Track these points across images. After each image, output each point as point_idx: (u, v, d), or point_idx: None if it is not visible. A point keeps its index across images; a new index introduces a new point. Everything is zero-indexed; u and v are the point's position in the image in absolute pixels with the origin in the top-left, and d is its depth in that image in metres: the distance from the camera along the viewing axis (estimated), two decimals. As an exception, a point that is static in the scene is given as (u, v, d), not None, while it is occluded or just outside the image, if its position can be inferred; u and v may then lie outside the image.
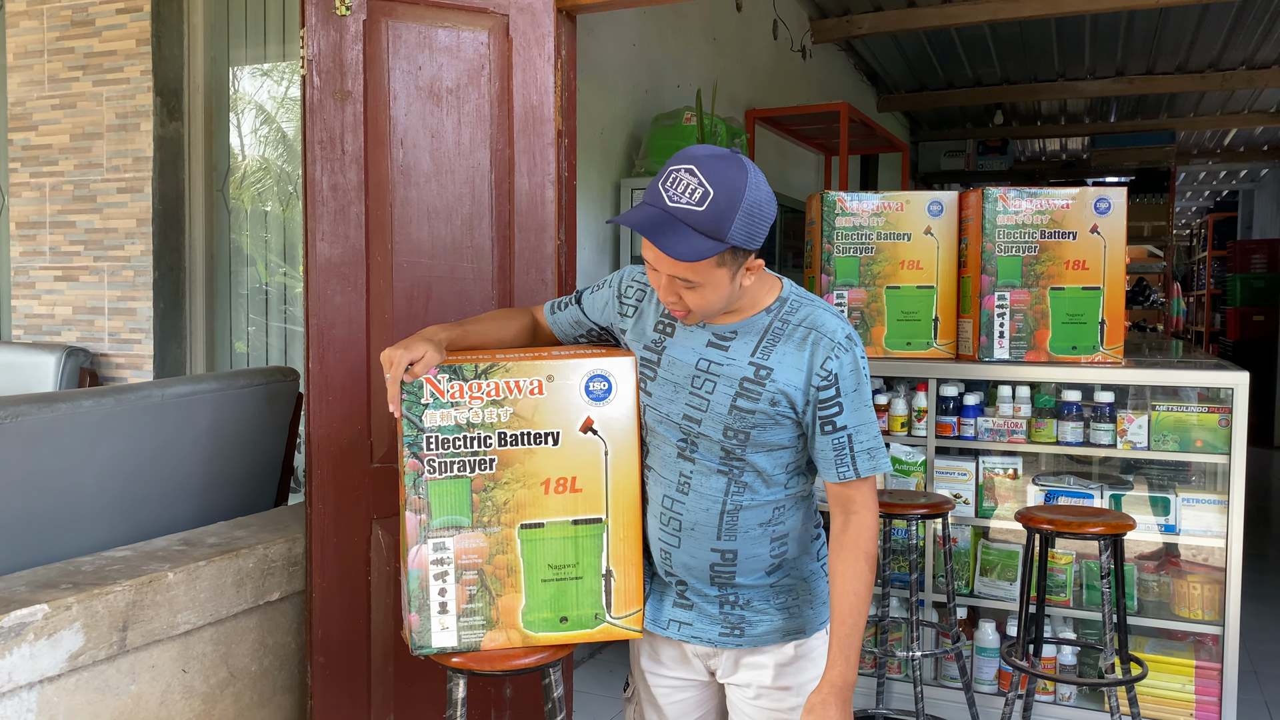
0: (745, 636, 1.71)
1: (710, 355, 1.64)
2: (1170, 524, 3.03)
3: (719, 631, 1.72)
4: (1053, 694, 3.11)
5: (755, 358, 1.61)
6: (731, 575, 1.69)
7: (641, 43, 4.62)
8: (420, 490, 1.69)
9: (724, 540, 1.66)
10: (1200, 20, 6.79)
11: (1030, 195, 3.10)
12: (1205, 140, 10.98)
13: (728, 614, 1.71)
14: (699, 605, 1.72)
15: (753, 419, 1.60)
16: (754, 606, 1.70)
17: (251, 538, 2.27)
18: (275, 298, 4.26)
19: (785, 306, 1.64)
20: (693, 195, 1.48)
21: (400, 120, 2.23)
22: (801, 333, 1.61)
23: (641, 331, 1.73)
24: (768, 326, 1.63)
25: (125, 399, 2.31)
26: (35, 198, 4.22)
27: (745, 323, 1.64)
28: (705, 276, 1.52)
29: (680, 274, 1.52)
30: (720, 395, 1.61)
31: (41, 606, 1.75)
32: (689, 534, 1.68)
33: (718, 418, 1.62)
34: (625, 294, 1.78)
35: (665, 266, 1.53)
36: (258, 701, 2.23)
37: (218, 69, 4.20)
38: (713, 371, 1.63)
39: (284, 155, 4.30)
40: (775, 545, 1.69)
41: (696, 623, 1.73)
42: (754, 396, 1.60)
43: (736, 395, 1.60)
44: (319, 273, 2.19)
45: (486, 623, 1.72)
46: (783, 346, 1.61)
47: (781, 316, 1.63)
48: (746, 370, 1.61)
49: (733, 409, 1.61)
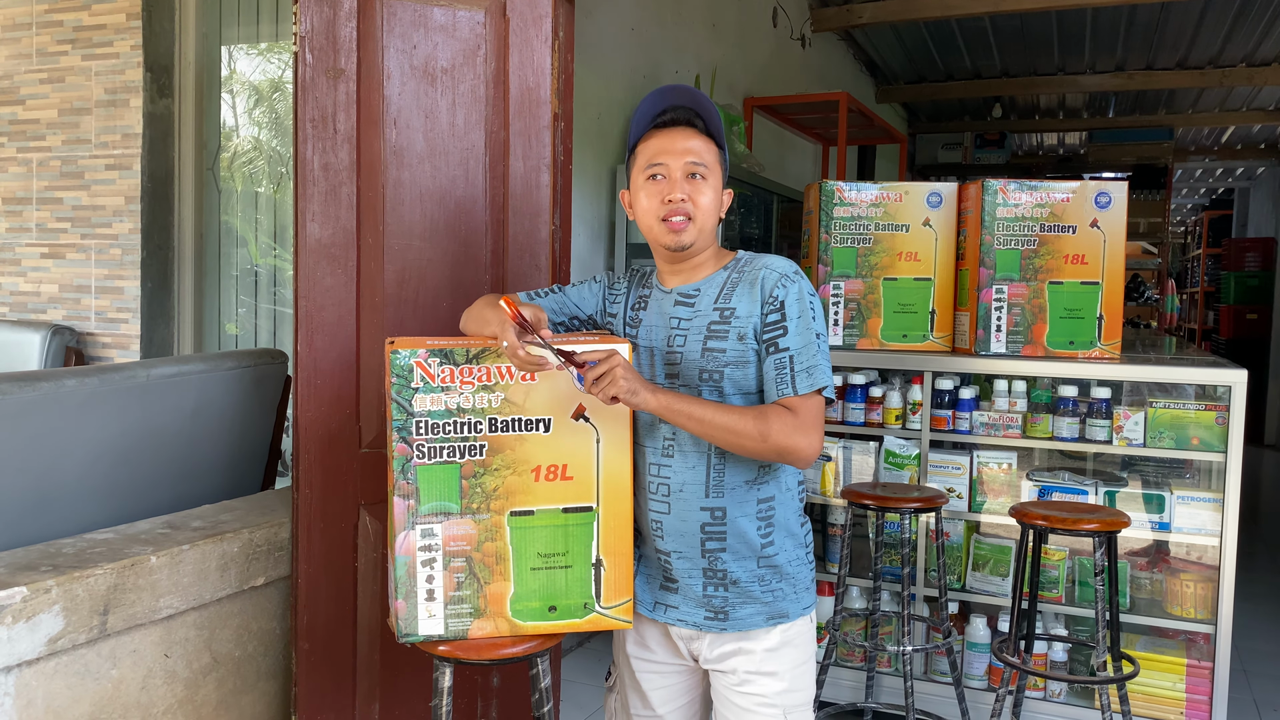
0: (729, 620, 1.72)
1: (679, 313, 1.76)
2: (1164, 521, 3.01)
3: (703, 615, 1.73)
4: (1043, 690, 3.10)
5: (719, 303, 1.73)
6: (723, 540, 1.70)
7: (640, 27, 4.57)
8: (409, 475, 1.66)
9: (712, 497, 1.70)
10: (1201, 16, 6.77)
11: (1030, 188, 3.07)
12: (1203, 137, 10.96)
13: (711, 597, 1.72)
14: (684, 586, 1.74)
15: (724, 358, 1.69)
16: (739, 588, 1.72)
17: (237, 521, 2.24)
18: (266, 279, 4.22)
19: (741, 262, 1.78)
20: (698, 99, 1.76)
21: (394, 100, 2.18)
22: (753, 273, 1.73)
23: (624, 311, 1.86)
24: (727, 278, 1.75)
25: (109, 379, 2.27)
26: (22, 173, 4.16)
27: (707, 280, 1.77)
28: (713, 169, 1.73)
29: (701, 157, 1.71)
30: (692, 344, 1.72)
31: (20, 589, 1.71)
32: (678, 496, 1.71)
33: (692, 365, 1.71)
34: (614, 287, 1.90)
35: (690, 152, 1.70)
36: (241, 687, 2.20)
37: (209, 45, 4.15)
38: (683, 326, 1.74)
39: (276, 135, 4.25)
40: (762, 508, 1.73)
41: (682, 605, 1.75)
42: (721, 335, 1.70)
43: (706, 338, 1.71)
44: (309, 254, 2.15)
45: (474, 611, 1.69)
46: (741, 289, 1.73)
47: (739, 269, 1.76)
48: (712, 315, 1.72)
49: (705, 352, 1.71)
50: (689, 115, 1.73)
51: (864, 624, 3.22)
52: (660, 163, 1.71)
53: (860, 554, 3.35)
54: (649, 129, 1.75)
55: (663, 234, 1.72)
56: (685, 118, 1.73)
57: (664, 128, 1.73)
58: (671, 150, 1.71)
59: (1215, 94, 8.98)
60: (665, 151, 1.71)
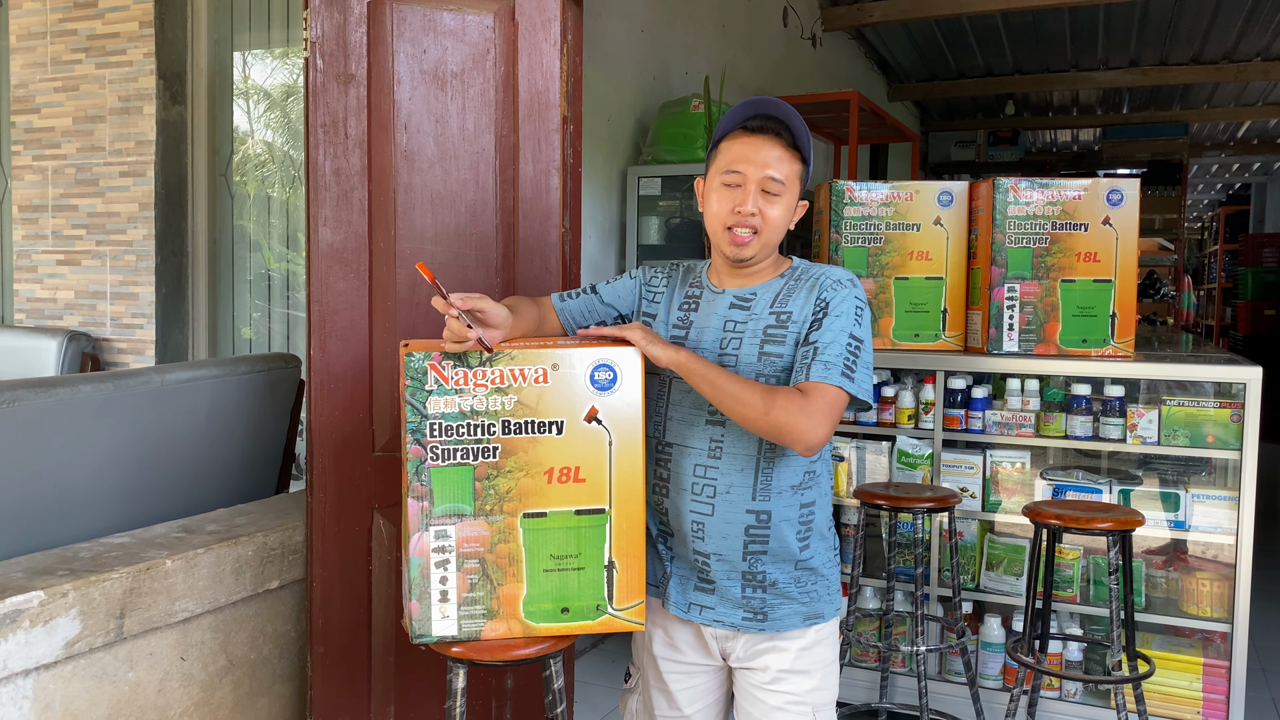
0: (769, 620, 1.73)
1: (734, 315, 1.74)
2: (1180, 520, 3.00)
3: (741, 616, 1.73)
4: (1058, 690, 3.09)
5: (775, 307, 1.72)
6: (765, 543, 1.70)
7: (650, 29, 4.57)
8: (423, 477, 1.67)
9: (759, 500, 1.70)
10: (1216, 11, 6.72)
11: (1042, 186, 3.06)
12: (1218, 132, 10.89)
13: (750, 598, 1.72)
14: (722, 588, 1.74)
15: (782, 362, 1.69)
16: (778, 589, 1.72)
17: (251, 525, 2.25)
18: (279, 284, 4.24)
19: (798, 270, 1.77)
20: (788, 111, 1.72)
21: (404, 104, 2.19)
22: (810, 280, 1.73)
23: (667, 312, 1.82)
24: (784, 285, 1.75)
25: (124, 384, 2.29)
26: (38, 181, 4.20)
27: (763, 285, 1.76)
28: (789, 185, 1.70)
29: (778, 173, 1.68)
30: (748, 347, 1.71)
31: (37, 593, 1.73)
32: (724, 497, 1.70)
33: (748, 368, 1.69)
34: (651, 283, 1.87)
35: (768, 165, 1.67)
36: (256, 690, 2.21)
37: (221, 52, 4.17)
38: (738, 330, 1.73)
39: (288, 140, 4.28)
40: (804, 513, 1.73)
41: (719, 607, 1.75)
42: (778, 340, 1.69)
43: (763, 342, 1.70)
44: (321, 258, 2.17)
45: (487, 612, 1.70)
46: (797, 294, 1.72)
47: (795, 276, 1.76)
48: (768, 319, 1.71)
49: (762, 355, 1.69)
50: (777, 126, 1.70)
51: (878, 624, 3.22)
52: (738, 170, 1.69)
53: (874, 554, 3.34)
54: (736, 130, 1.72)
55: (725, 243, 1.72)
56: (773, 128, 1.70)
57: (750, 133, 1.70)
58: (752, 160, 1.68)
59: (1230, 89, 8.92)
60: (745, 159, 1.69)
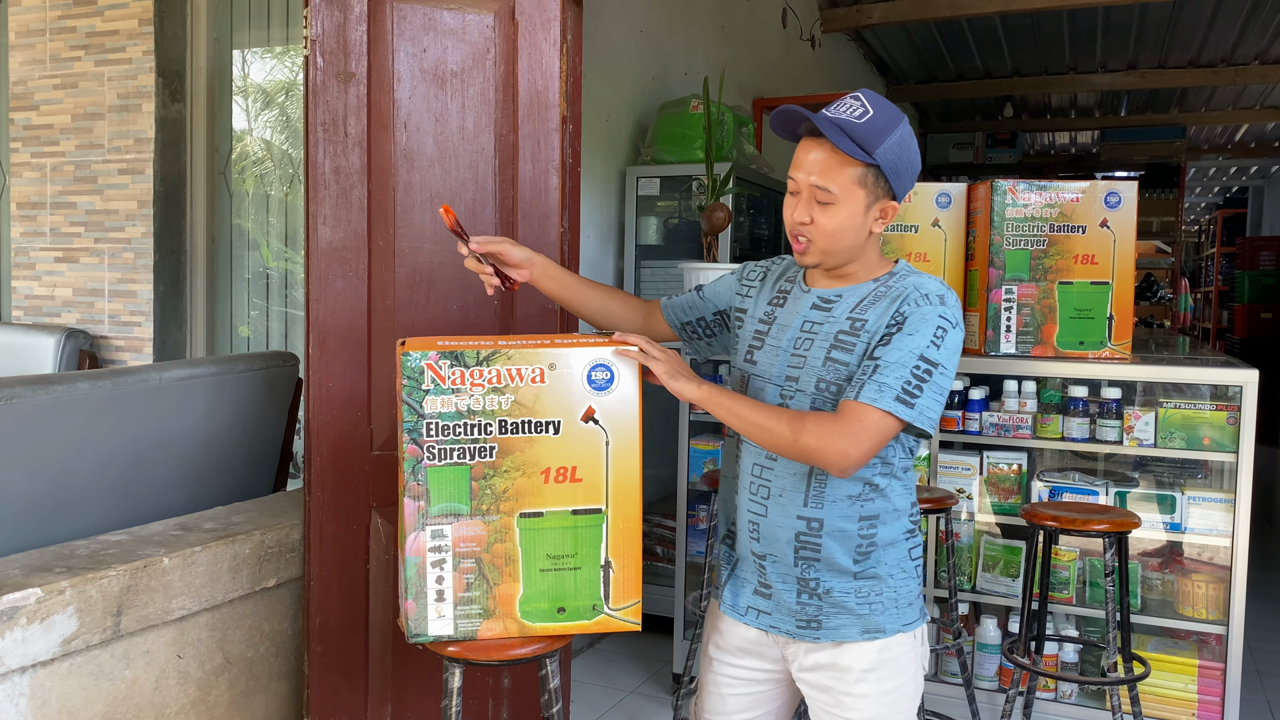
0: (823, 629, 1.66)
1: (813, 316, 1.68)
2: (1176, 522, 3.00)
3: (795, 624, 1.68)
4: (1054, 691, 3.09)
5: (853, 314, 1.64)
6: (817, 550, 1.63)
7: (649, 29, 4.58)
8: (419, 477, 1.67)
9: (810, 507, 1.63)
10: (1214, 14, 6.73)
11: (1040, 188, 3.06)
12: (1216, 135, 10.91)
13: (805, 604, 1.66)
14: (778, 593, 1.69)
15: (846, 370, 1.61)
16: (832, 598, 1.65)
17: (249, 523, 2.25)
18: (277, 282, 4.24)
19: (894, 277, 1.67)
20: (854, 112, 1.58)
21: (404, 103, 2.20)
22: (898, 290, 1.63)
23: (757, 306, 1.78)
24: (871, 291, 1.65)
25: (122, 382, 2.29)
26: (36, 178, 4.19)
27: (851, 288, 1.67)
28: (845, 192, 1.58)
29: (823, 182, 1.58)
30: (817, 350, 1.64)
31: (35, 590, 1.73)
32: (777, 500, 1.66)
33: (813, 371, 1.63)
34: (746, 278, 1.84)
35: (812, 175, 1.59)
36: (253, 688, 2.21)
37: (220, 50, 4.17)
38: (813, 331, 1.66)
39: (287, 138, 4.28)
40: (864, 525, 1.64)
41: (775, 613, 1.70)
42: (847, 347, 1.61)
43: (831, 348, 1.63)
44: (320, 257, 2.17)
45: (484, 612, 1.70)
46: (879, 302, 1.63)
47: (888, 284, 1.65)
48: (843, 324, 1.63)
49: (827, 360, 1.62)
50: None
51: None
52: (793, 176, 1.63)
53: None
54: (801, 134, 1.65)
55: (793, 248, 1.68)
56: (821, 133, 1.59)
57: (803, 137, 1.63)
58: (800, 165, 1.62)
59: (1228, 92, 8.94)
60: (796, 165, 1.63)
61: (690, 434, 3.48)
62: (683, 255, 4.22)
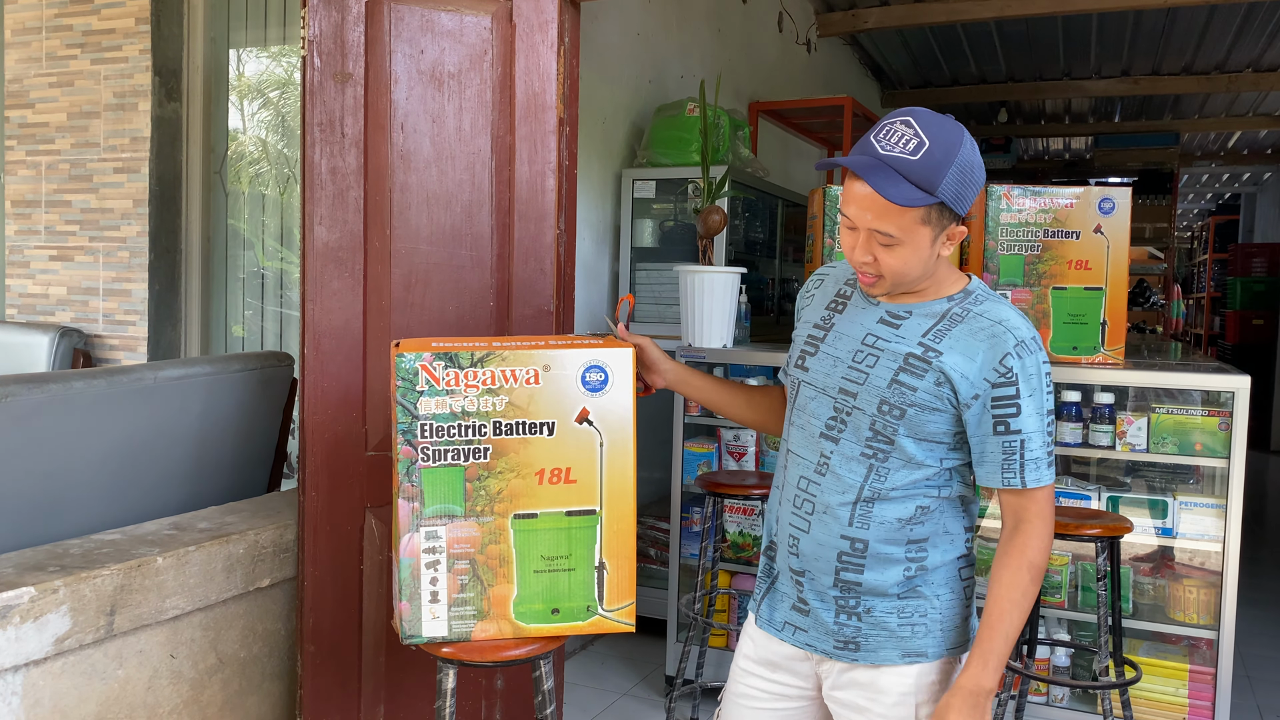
0: (860, 651, 1.59)
1: (879, 331, 1.59)
2: (1167, 527, 3.02)
3: (833, 644, 1.61)
4: (1045, 695, 3.10)
5: (926, 339, 1.55)
6: (860, 571, 1.57)
7: (646, 32, 4.59)
8: (413, 478, 1.68)
9: (855, 528, 1.57)
10: (1208, 22, 6.77)
11: (1034, 194, 3.08)
12: (1209, 142, 10.96)
13: (843, 625, 1.60)
14: (815, 611, 1.62)
15: (913, 396, 1.53)
16: (873, 617, 1.58)
17: (243, 523, 2.25)
18: (272, 282, 4.23)
19: (969, 298, 1.58)
20: (907, 145, 1.45)
21: (401, 104, 2.20)
22: (983, 324, 1.53)
23: (813, 310, 1.71)
24: (945, 312, 1.57)
25: (117, 381, 2.28)
26: (31, 176, 4.19)
27: (923, 305, 1.58)
28: (907, 233, 1.48)
29: (883, 227, 1.48)
30: (881, 369, 1.55)
31: (28, 589, 1.73)
32: (820, 517, 1.59)
33: (875, 390, 1.55)
34: (806, 290, 1.77)
35: (869, 218, 1.48)
36: (246, 688, 2.21)
37: (217, 49, 4.17)
38: (878, 347, 1.57)
39: (283, 139, 4.27)
40: (912, 549, 1.57)
41: (811, 630, 1.63)
42: (918, 373, 1.53)
43: (899, 370, 1.54)
44: (316, 257, 2.17)
45: (478, 613, 1.70)
46: (958, 332, 1.54)
47: (963, 305, 1.57)
48: (914, 348, 1.55)
49: (893, 383, 1.54)
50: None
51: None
52: (847, 214, 1.52)
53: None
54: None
55: (860, 281, 1.60)
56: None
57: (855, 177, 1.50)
58: (854, 199, 1.50)
59: (1221, 99, 8.98)
60: (849, 199, 1.51)
61: (685, 436, 3.48)
62: (678, 258, 4.22)
